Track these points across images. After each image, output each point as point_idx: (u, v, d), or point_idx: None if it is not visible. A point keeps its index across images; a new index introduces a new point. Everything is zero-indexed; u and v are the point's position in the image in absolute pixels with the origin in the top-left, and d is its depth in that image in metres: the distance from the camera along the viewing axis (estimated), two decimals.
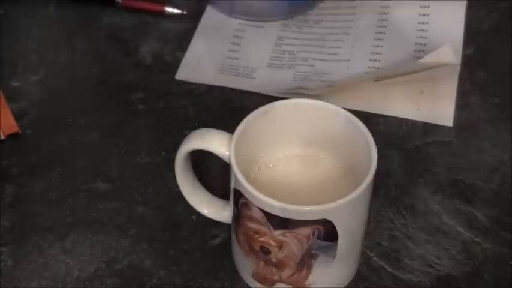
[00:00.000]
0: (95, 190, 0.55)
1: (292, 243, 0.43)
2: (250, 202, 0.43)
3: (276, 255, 0.44)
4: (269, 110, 0.48)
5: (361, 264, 0.50)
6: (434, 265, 0.50)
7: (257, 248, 0.45)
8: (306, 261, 0.45)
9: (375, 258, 0.51)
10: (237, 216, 0.46)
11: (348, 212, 0.43)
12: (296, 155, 0.50)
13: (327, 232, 0.43)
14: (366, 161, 0.45)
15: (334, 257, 0.45)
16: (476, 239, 0.51)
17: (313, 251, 0.44)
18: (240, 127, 0.46)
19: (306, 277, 0.46)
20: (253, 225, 0.44)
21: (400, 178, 0.55)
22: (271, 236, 0.43)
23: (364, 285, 0.49)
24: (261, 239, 0.44)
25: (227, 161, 0.45)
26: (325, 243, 0.44)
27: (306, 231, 0.43)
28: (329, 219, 0.42)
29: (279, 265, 0.45)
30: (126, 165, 0.57)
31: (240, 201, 0.44)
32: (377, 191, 0.54)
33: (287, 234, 0.43)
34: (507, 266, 0.50)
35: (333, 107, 0.48)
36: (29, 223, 0.53)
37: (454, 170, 0.56)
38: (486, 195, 0.54)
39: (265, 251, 0.44)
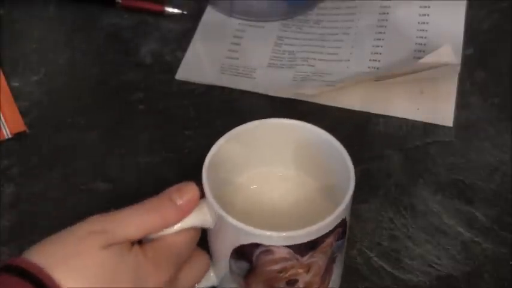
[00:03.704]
0: (95, 190, 0.55)
1: (319, 259, 0.42)
2: (273, 246, 0.41)
3: (303, 279, 0.43)
4: (235, 139, 0.46)
5: (361, 264, 0.50)
6: (434, 265, 0.50)
7: (282, 285, 0.43)
8: (328, 269, 0.44)
9: (375, 258, 0.51)
10: (251, 270, 0.43)
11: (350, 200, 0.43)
12: (275, 175, 0.48)
13: (343, 230, 0.43)
14: (344, 179, 0.44)
15: (344, 251, 0.45)
16: (476, 239, 0.51)
17: (334, 255, 0.43)
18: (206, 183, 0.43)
19: (328, 283, 0.45)
20: (276, 267, 0.42)
21: (400, 178, 0.55)
22: (299, 265, 0.42)
23: (364, 285, 0.49)
24: (288, 273, 0.42)
25: (210, 226, 0.42)
26: (341, 241, 0.43)
27: (329, 240, 0.42)
28: (344, 217, 0.42)
29: (306, 286, 0.44)
30: (126, 165, 0.57)
31: (255, 253, 0.42)
32: (377, 191, 0.54)
33: (315, 254, 0.42)
34: (507, 266, 0.50)
35: (309, 126, 0.46)
36: (29, 223, 0.53)
37: (454, 170, 0.56)
38: (486, 195, 0.54)
39: (293, 282, 0.43)
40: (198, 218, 0.41)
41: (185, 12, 0.68)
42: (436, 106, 0.60)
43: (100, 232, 0.38)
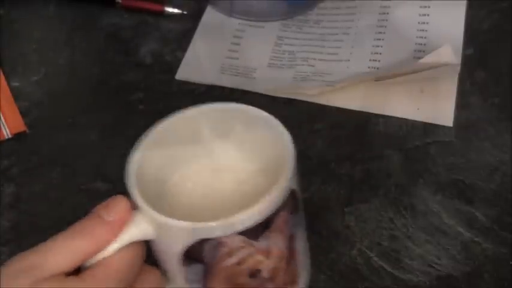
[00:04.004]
0: (95, 190, 0.55)
1: (277, 240, 0.39)
2: (222, 236, 0.37)
3: (266, 267, 0.40)
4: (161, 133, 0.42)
5: (361, 264, 0.50)
6: (434, 265, 0.50)
7: (244, 280, 0.40)
8: (291, 252, 0.41)
9: (375, 258, 0.51)
10: (207, 271, 0.40)
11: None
12: (215, 165, 0.45)
13: (295, 204, 0.40)
14: (286, 154, 0.40)
15: (304, 230, 0.42)
16: (476, 239, 0.51)
17: (292, 232, 0.41)
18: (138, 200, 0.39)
19: (296, 269, 0.42)
20: (234, 259, 0.39)
21: (400, 178, 0.55)
22: (256, 251, 0.39)
23: (364, 285, 0.49)
24: (248, 264, 0.39)
25: (152, 236, 0.39)
26: (296, 216, 0.41)
27: (282, 216, 0.39)
28: (292, 188, 0.39)
29: (273, 276, 0.41)
30: (126, 165, 0.57)
31: (206, 251, 0.38)
32: (377, 191, 0.54)
33: (270, 234, 0.39)
34: (507, 266, 0.50)
35: (238, 106, 0.42)
36: (29, 223, 0.53)
37: (454, 170, 0.56)
38: (486, 195, 0.54)
39: (256, 272, 0.40)
40: (135, 231, 0.38)
41: (185, 12, 0.68)
42: (436, 106, 0.60)
43: (27, 269, 0.35)
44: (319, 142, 0.58)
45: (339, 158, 0.56)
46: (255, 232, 0.38)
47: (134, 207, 0.38)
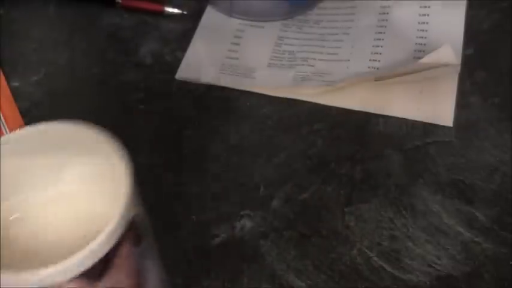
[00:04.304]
0: None
1: (119, 276, 0.34)
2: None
3: None
4: None
5: (361, 264, 0.50)
6: (434, 265, 0.50)
7: None
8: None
9: (375, 258, 0.51)
10: None
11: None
12: (44, 198, 0.37)
13: (136, 234, 0.35)
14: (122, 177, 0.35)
15: (159, 260, 0.38)
16: (476, 239, 0.51)
17: (139, 266, 0.36)
18: None
19: None
20: None
21: (400, 178, 0.55)
22: None
23: (364, 285, 0.49)
24: None
25: None
26: (143, 248, 0.36)
27: (125, 249, 0.34)
28: (129, 219, 0.34)
29: None
30: None
31: None
32: (377, 191, 0.54)
33: (111, 273, 0.33)
34: (507, 266, 0.50)
35: (72, 127, 0.38)
36: None
37: (454, 170, 0.56)
38: (486, 195, 0.54)
39: None
40: None
41: (185, 12, 0.68)
42: (436, 106, 0.60)
43: None
44: (319, 142, 0.58)
45: (339, 158, 0.56)
46: (95, 268, 0.32)
47: None
